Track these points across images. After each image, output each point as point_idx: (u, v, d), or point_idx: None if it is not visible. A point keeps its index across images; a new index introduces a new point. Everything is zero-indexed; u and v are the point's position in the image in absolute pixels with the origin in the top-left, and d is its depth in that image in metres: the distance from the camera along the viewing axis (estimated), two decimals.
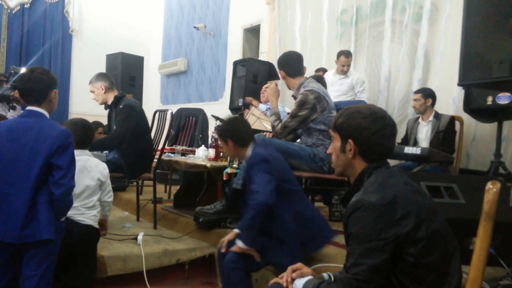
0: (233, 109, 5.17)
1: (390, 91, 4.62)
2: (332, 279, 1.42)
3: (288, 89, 3.08)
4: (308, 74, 3.64)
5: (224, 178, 3.13)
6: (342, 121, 1.39)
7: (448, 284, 1.24)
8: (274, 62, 5.16)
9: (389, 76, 4.62)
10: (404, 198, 1.23)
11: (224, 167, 3.12)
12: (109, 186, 2.49)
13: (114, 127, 3.30)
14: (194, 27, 7.62)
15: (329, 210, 3.72)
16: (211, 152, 3.25)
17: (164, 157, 3.60)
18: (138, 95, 6.44)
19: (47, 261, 1.87)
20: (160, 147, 3.61)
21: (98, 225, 2.50)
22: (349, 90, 4.62)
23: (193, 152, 3.96)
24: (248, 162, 2.27)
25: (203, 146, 3.79)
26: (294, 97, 2.97)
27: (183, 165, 3.39)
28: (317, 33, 5.47)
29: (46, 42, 8.09)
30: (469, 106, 3.29)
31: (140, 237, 2.92)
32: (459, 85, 2.25)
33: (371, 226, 1.20)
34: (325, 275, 1.44)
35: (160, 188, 4.62)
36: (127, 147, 3.25)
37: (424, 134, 3.83)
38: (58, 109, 7.95)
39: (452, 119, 3.68)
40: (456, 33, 3.67)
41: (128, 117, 3.24)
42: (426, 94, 3.78)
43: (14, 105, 4.39)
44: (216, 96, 7.31)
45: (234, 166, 3.04)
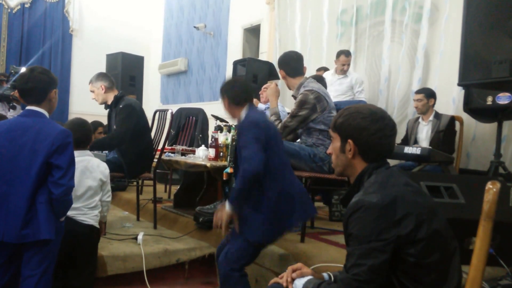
0: None
1: (390, 91, 4.62)
2: (332, 279, 1.42)
3: (288, 89, 3.08)
4: (308, 74, 3.65)
5: (224, 178, 3.13)
6: (342, 121, 1.39)
7: (448, 284, 1.24)
8: (274, 62, 5.16)
9: (389, 76, 4.63)
10: (404, 199, 1.23)
11: (224, 167, 3.12)
12: (108, 185, 2.49)
13: (114, 127, 3.30)
14: (194, 27, 7.62)
15: (329, 210, 3.73)
16: (211, 152, 3.25)
17: (164, 157, 3.60)
18: (138, 95, 6.44)
19: (47, 260, 1.87)
20: (160, 147, 3.61)
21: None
22: (348, 90, 4.63)
23: (193, 152, 3.96)
24: (238, 126, 2.19)
25: (203, 146, 3.79)
26: (294, 97, 2.97)
27: (183, 165, 3.39)
28: (317, 33, 5.47)
29: (46, 41, 8.09)
30: (469, 106, 3.29)
31: (140, 236, 2.92)
32: (459, 85, 2.25)
33: (372, 226, 1.20)
34: (325, 275, 1.44)
35: (160, 188, 4.62)
36: (127, 147, 3.25)
37: (424, 134, 3.83)
38: (58, 108, 7.95)
39: (452, 119, 3.68)
40: (456, 33, 3.66)
41: (128, 116, 3.24)
42: (428, 94, 3.78)
43: (14, 104, 4.39)
44: (216, 96, 7.30)
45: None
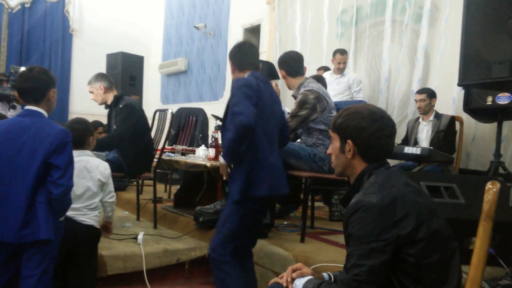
0: None
1: (390, 91, 4.62)
2: (332, 279, 1.42)
3: (288, 89, 3.08)
4: (308, 74, 3.65)
5: (224, 178, 3.13)
6: (341, 121, 1.39)
7: (448, 284, 1.24)
8: (274, 61, 5.15)
9: (389, 76, 4.63)
10: (404, 199, 1.23)
11: None
12: (110, 186, 2.44)
13: (114, 127, 3.30)
14: (194, 27, 7.62)
15: (329, 210, 3.73)
16: (211, 151, 3.25)
17: (164, 156, 3.60)
18: (138, 95, 6.46)
19: (46, 260, 1.86)
20: (160, 147, 3.61)
21: (102, 228, 2.50)
22: (345, 90, 4.64)
23: (193, 151, 3.96)
24: (231, 87, 2.16)
25: (203, 145, 3.78)
26: (294, 96, 2.97)
27: (183, 164, 3.38)
28: (317, 33, 5.47)
29: (46, 41, 8.09)
30: (469, 106, 3.30)
31: (140, 236, 2.92)
32: (459, 85, 2.25)
33: (371, 227, 1.20)
34: (325, 275, 1.44)
35: (160, 187, 4.62)
36: (127, 147, 3.25)
37: (424, 134, 3.83)
38: (58, 108, 7.95)
39: (452, 119, 3.69)
40: (456, 33, 3.66)
41: (128, 116, 3.24)
42: (430, 94, 3.79)
43: (14, 104, 4.40)
44: (216, 95, 7.31)
45: None
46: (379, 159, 1.36)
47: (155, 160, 3.57)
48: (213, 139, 3.24)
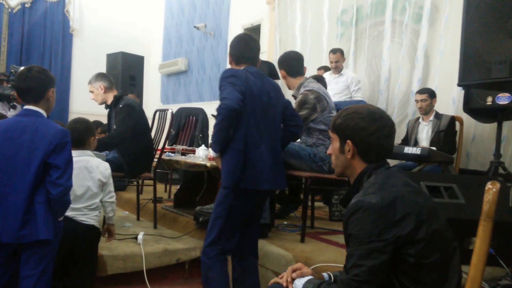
0: None
1: (390, 91, 4.62)
2: (332, 279, 1.42)
3: (288, 89, 3.08)
4: (308, 74, 3.65)
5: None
6: (340, 122, 1.39)
7: (448, 284, 1.24)
8: (274, 62, 5.15)
9: (389, 76, 4.63)
10: (404, 199, 1.23)
11: None
12: (110, 186, 2.43)
13: (114, 127, 3.30)
14: (195, 27, 7.62)
15: (329, 210, 3.73)
16: (211, 151, 3.25)
17: (164, 156, 3.60)
18: (139, 95, 6.45)
19: (45, 260, 1.86)
20: (160, 147, 3.61)
21: (105, 231, 2.50)
22: (344, 89, 4.66)
23: (193, 151, 3.95)
24: (219, 79, 2.15)
25: (203, 145, 3.78)
26: (294, 97, 2.97)
27: (183, 164, 3.39)
28: (317, 33, 5.47)
29: (46, 41, 8.09)
30: (469, 106, 3.30)
31: (140, 236, 2.92)
32: (459, 85, 2.25)
33: (371, 227, 1.20)
34: (325, 275, 1.44)
35: (160, 187, 4.62)
36: (127, 147, 3.25)
37: (424, 134, 3.83)
38: (59, 108, 7.95)
39: (452, 119, 3.69)
40: (456, 33, 3.66)
41: (128, 116, 3.24)
42: (431, 94, 3.80)
43: (14, 104, 4.39)
44: (216, 95, 7.23)
45: None
46: (379, 159, 1.36)
47: (155, 160, 3.57)
48: None
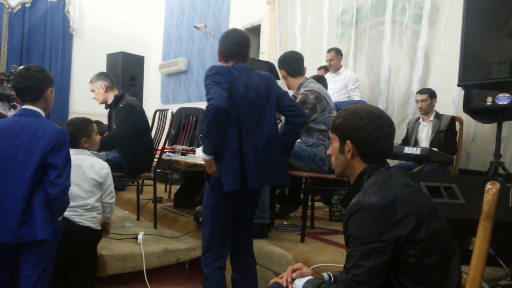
0: None
1: (390, 91, 4.62)
2: (332, 279, 1.42)
3: (288, 89, 3.08)
4: (308, 74, 3.65)
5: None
6: (340, 122, 1.39)
7: (448, 284, 1.24)
8: (274, 62, 5.15)
9: (389, 76, 4.63)
10: (404, 199, 1.23)
11: None
12: (110, 186, 2.41)
13: (114, 126, 3.31)
14: (195, 27, 7.62)
15: (329, 210, 3.73)
16: (202, 154, 3.24)
17: (164, 156, 3.60)
18: (139, 95, 6.45)
19: (45, 261, 1.85)
20: (160, 147, 3.62)
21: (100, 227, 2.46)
22: (342, 88, 4.67)
23: (193, 151, 3.96)
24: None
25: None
26: (294, 97, 2.97)
27: (183, 164, 3.39)
28: (317, 33, 5.48)
29: (46, 41, 8.10)
30: (468, 107, 3.30)
31: (140, 236, 2.92)
32: (459, 85, 2.25)
33: (371, 227, 1.20)
34: (325, 275, 1.45)
35: (160, 187, 4.62)
36: (127, 147, 3.25)
37: (424, 134, 3.84)
38: (59, 108, 7.95)
39: (452, 119, 3.69)
40: (456, 33, 3.67)
41: (128, 116, 3.24)
42: (431, 94, 3.80)
43: (15, 104, 4.39)
44: None
45: None
46: (379, 159, 1.36)
47: (155, 160, 3.57)
48: None
